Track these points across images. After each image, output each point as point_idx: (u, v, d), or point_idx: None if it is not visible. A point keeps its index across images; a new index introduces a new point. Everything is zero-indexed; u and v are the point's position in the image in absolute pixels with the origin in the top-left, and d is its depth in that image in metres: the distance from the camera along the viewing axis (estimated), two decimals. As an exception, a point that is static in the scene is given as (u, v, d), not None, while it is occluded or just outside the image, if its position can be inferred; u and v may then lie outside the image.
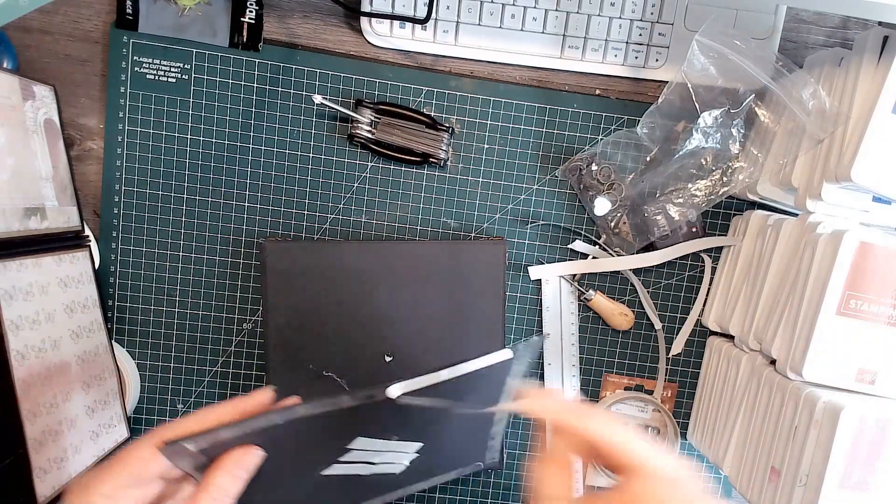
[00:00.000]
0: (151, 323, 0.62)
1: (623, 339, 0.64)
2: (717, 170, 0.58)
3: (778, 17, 0.58)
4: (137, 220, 0.60)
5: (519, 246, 0.62)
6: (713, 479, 0.66)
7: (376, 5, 0.58)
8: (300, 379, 0.59)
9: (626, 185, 0.60)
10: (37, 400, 0.47)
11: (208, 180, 0.60)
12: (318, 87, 0.60)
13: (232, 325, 0.62)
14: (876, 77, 0.46)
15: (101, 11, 0.58)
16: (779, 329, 0.51)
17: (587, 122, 0.61)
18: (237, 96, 0.60)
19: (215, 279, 0.62)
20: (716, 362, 0.60)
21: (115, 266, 0.61)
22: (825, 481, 0.43)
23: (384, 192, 0.61)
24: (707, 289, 0.63)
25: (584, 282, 0.63)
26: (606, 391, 0.64)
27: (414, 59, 0.60)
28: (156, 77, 0.59)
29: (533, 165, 0.61)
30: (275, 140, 0.60)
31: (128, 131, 0.59)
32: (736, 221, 0.61)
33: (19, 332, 0.46)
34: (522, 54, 0.59)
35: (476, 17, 0.58)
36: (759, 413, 0.52)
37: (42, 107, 0.54)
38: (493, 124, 0.61)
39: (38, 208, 0.51)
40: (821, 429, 0.44)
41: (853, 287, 0.46)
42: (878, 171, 0.45)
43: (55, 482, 0.48)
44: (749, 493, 0.51)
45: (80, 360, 0.53)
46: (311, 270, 0.58)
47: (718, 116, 0.57)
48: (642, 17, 0.58)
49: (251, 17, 0.58)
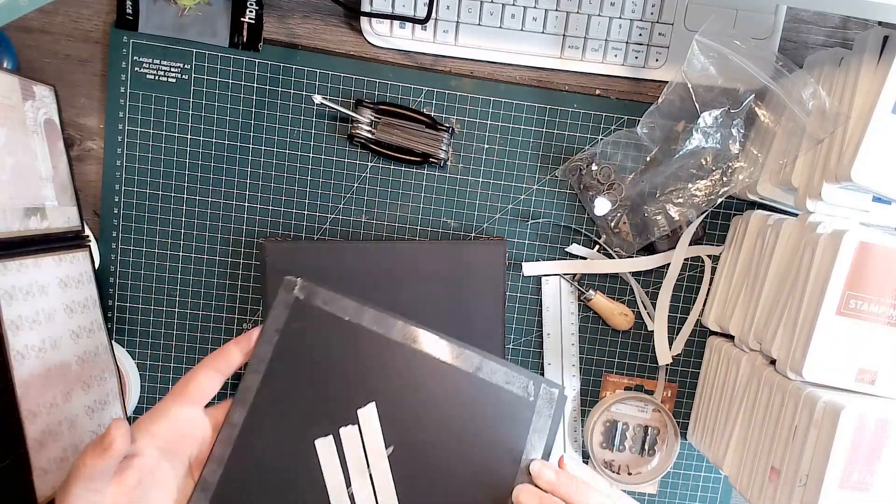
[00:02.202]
0: (151, 323, 0.62)
1: (623, 339, 0.64)
2: (717, 170, 0.58)
3: (778, 17, 0.58)
4: (137, 220, 0.60)
5: (519, 246, 0.62)
6: (713, 479, 0.66)
7: (376, 5, 0.58)
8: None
9: (626, 185, 0.60)
10: (37, 400, 0.47)
11: (208, 180, 0.60)
12: (318, 87, 0.60)
13: (232, 325, 0.62)
14: (876, 77, 0.46)
15: (101, 11, 0.58)
16: (779, 329, 0.51)
17: (587, 122, 0.61)
18: (237, 96, 0.60)
19: (215, 279, 0.62)
20: (716, 362, 0.60)
21: (115, 266, 0.61)
22: (825, 481, 0.43)
23: (384, 192, 0.61)
24: (707, 289, 0.63)
25: (584, 282, 0.63)
26: (606, 391, 0.64)
27: (414, 59, 0.60)
28: (156, 77, 0.59)
29: (533, 165, 0.61)
30: (275, 140, 0.60)
31: (128, 131, 0.59)
32: (736, 221, 0.61)
33: (19, 332, 0.46)
34: (522, 54, 0.59)
35: (476, 17, 0.58)
36: (759, 413, 0.52)
37: (42, 107, 0.54)
38: (493, 124, 0.61)
39: (38, 208, 0.51)
40: (821, 429, 0.44)
41: (853, 287, 0.46)
42: (878, 171, 0.45)
43: (55, 482, 0.48)
44: (749, 493, 0.51)
45: (80, 360, 0.53)
46: (311, 270, 0.58)
47: (718, 116, 0.57)
48: (642, 17, 0.58)
49: (251, 17, 0.58)
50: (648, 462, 0.64)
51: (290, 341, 0.42)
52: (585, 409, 0.64)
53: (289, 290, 0.42)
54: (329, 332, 0.42)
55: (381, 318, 0.42)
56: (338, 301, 0.42)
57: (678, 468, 0.66)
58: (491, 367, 0.43)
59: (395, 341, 0.42)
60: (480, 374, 0.42)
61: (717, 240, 0.63)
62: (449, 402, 0.42)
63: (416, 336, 0.43)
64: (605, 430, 0.64)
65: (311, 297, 0.42)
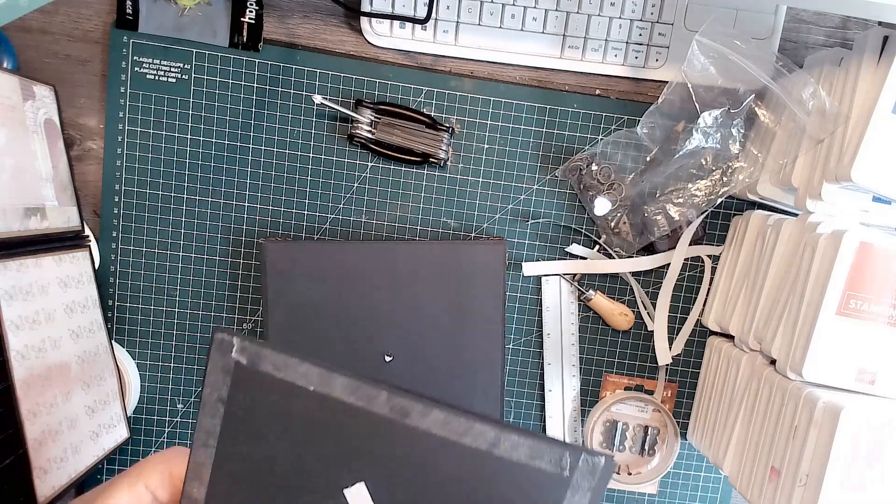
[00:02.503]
0: (151, 323, 0.62)
1: (623, 339, 0.64)
2: (717, 170, 0.58)
3: (778, 17, 0.58)
4: (137, 220, 0.60)
5: (519, 246, 0.62)
6: (713, 479, 0.66)
7: (376, 5, 0.58)
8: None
9: (626, 185, 0.60)
10: (37, 400, 0.47)
11: (208, 180, 0.60)
12: (318, 87, 0.60)
13: (232, 325, 0.62)
14: (876, 77, 0.46)
15: (101, 11, 0.58)
16: (779, 329, 0.51)
17: (587, 122, 0.61)
18: (237, 96, 0.60)
19: (215, 279, 0.62)
20: (716, 362, 0.60)
21: (115, 266, 0.61)
22: (825, 481, 0.43)
23: (384, 192, 0.61)
24: (707, 289, 0.63)
25: (584, 282, 0.63)
26: (606, 391, 0.64)
27: (414, 59, 0.60)
28: (156, 77, 0.59)
29: (533, 165, 0.61)
30: (275, 140, 0.60)
31: (128, 131, 0.59)
32: (736, 221, 0.61)
33: (19, 332, 0.46)
34: (522, 54, 0.59)
35: (476, 17, 0.58)
36: (759, 413, 0.52)
37: (42, 107, 0.54)
38: (493, 124, 0.61)
39: (38, 208, 0.51)
40: (821, 429, 0.44)
41: (853, 287, 0.46)
42: (878, 171, 0.45)
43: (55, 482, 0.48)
44: (749, 493, 0.51)
45: (80, 360, 0.53)
46: (311, 270, 0.58)
47: (718, 116, 0.57)
48: (642, 17, 0.58)
49: (251, 17, 0.58)
50: (648, 462, 0.64)
51: (240, 414, 0.34)
52: (585, 409, 0.64)
53: (224, 353, 0.33)
54: (289, 406, 0.33)
55: (359, 388, 0.33)
56: (295, 366, 0.33)
57: (678, 468, 0.66)
58: (511, 440, 0.34)
59: (381, 416, 0.33)
60: (497, 452, 0.34)
61: (717, 240, 0.63)
62: (459, 488, 0.34)
63: (408, 409, 0.34)
64: (605, 430, 0.64)
65: (256, 361, 0.33)
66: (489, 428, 0.34)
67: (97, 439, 0.55)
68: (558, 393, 0.64)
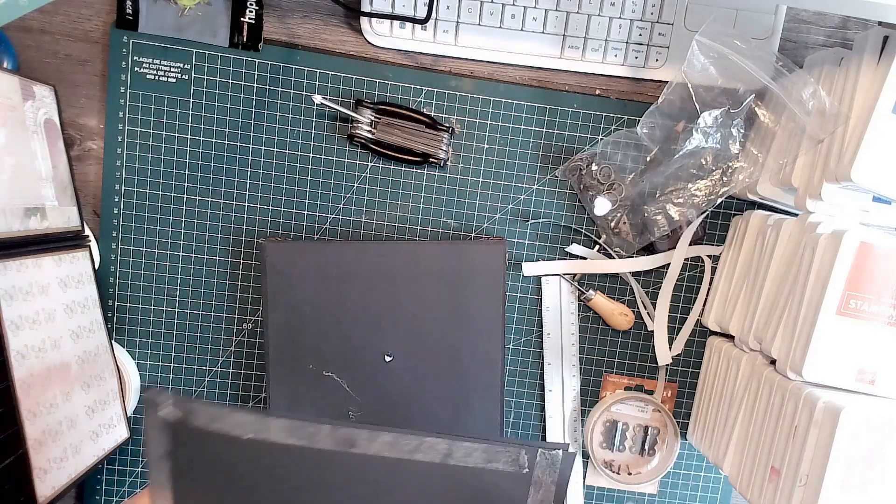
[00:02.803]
0: (151, 323, 0.62)
1: (623, 339, 0.64)
2: (717, 170, 0.58)
3: (778, 17, 0.58)
4: (137, 220, 0.60)
5: (519, 246, 0.62)
6: (713, 479, 0.66)
7: (376, 5, 0.58)
8: (300, 379, 0.59)
9: (626, 185, 0.60)
10: (37, 400, 0.47)
11: (208, 180, 0.60)
12: (318, 87, 0.60)
13: (232, 325, 0.62)
14: (876, 77, 0.46)
15: (101, 11, 0.58)
16: (779, 329, 0.51)
17: (587, 122, 0.61)
18: (237, 96, 0.60)
19: (215, 279, 0.62)
20: (716, 362, 0.60)
21: (115, 266, 0.61)
22: (825, 481, 0.43)
23: (384, 192, 0.61)
24: (707, 289, 0.63)
25: (584, 282, 0.63)
26: (606, 391, 0.64)
27: (414, 59, 0.60)
28: (156, 77, 0.59)
29: (533, 165, 0.61)
30: (275, 140, 0.60)
31: (128, 131, 0.59)
32: (736, 221, 0.61)
33: (19, 332, 0.46)
34: (522, 54, 0.59)
35: (476, 17, 0.58)
36: (759, 413, 0.52)
37: (42, 107, 0.54)
38: (493, 124, 0.61)
39: (38, 208, 0.51)
40: (821, 429, 0.44)
41: (853, 287, 0.46)
42: (878, 171, 0.45)
43: (55, 482, 0.48)
44: (749, 493, 0.51)
45: (80, 360, 0.53)
46: (311, 270, 0.58)
47: (718, 116, 0.57)
48: (642, 17, 0.58)
49: (251, 17, 0.58)
50: (648, 462, 0.64)
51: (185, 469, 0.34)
52: (585, 409, 0.64)
53: (156, 412, 0.34)
54: (229, 456, 0.33)
55: (298, 428, 0.33)
56: (227, 417, 0.33)
57: (678, 468, 0.66)
58: (464, 448, 0.35)
59: (326, 451, 0.33)
60: (452, 461, 0.35)
61: (717, 240, 0.63)
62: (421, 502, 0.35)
63: (354, 439, 0.34)
64: (605, 430, 0.64)
65: (188, 417, 0.33)
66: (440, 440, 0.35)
67: (97, 439, 0.55)
68: (558, 393, 0.64)
